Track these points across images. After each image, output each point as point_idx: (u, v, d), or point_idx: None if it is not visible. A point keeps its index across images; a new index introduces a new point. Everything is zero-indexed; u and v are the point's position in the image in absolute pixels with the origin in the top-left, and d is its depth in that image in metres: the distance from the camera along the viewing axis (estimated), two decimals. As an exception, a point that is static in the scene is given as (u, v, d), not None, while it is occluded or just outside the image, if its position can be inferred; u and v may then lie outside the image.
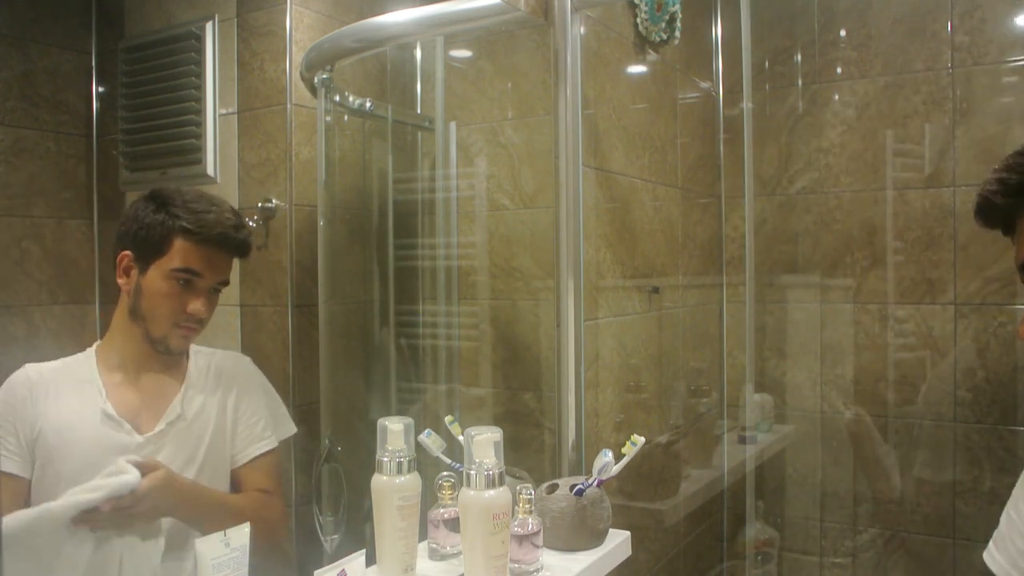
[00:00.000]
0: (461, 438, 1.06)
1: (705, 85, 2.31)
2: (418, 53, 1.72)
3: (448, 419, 1.18)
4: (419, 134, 1.74)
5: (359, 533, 1.41)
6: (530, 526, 1.09)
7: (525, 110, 1.67)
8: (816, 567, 2.28)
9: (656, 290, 1.97)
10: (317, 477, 1.47)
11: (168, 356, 1.22)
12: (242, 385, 1.29)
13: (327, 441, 1.47)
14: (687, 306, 2.20)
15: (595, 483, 1.22)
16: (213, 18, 1.47)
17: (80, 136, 1.45)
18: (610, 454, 1.20)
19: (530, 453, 1.62)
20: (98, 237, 1.49)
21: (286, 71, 1.44)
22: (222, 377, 1.27)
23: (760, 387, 2.28)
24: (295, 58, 1.44)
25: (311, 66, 1.44)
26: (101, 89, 1.48)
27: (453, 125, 1.69)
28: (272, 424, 1.31)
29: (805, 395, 2.27)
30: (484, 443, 1.00)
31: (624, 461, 1.21)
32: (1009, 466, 2.00)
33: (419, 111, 1.73)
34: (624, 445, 1.20)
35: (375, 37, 1.46)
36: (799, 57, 2.26)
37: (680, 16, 1.96)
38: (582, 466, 1.43)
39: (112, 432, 1.15)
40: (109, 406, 1.16)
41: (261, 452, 1.27)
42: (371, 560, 1.03)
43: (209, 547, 0.91)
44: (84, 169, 1.46)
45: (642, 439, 1.20)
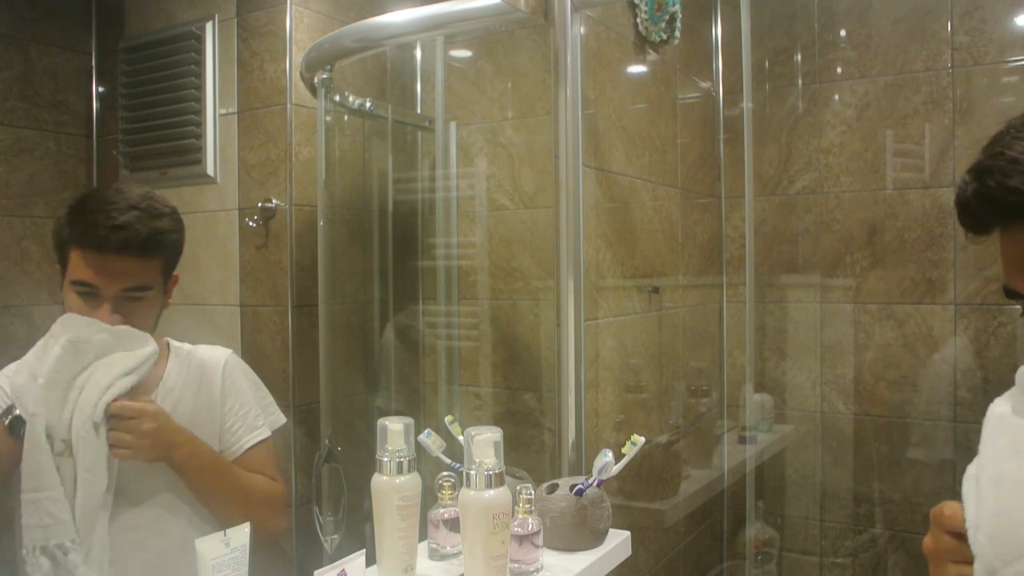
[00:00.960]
0: (461, 438, 1.06)
1: (705, 85, 2.31)
2: (418, 53, 1.72)
3: (448, 419, 1.18)
4: (419, 134, 1.74)
5: (359, 533, 1.41)
6: (530, 526, 1.09)
7: (525, 110, 1.67)
8: (816, 567, 2.28)
9: (656, 290, 1.97)
10: (317, 477, 1.47)
11: None
12: (227, 378, 1.27)
13: (327, 441, 1.47)
14: (687, 306, 2.20)
15: (595, 483, 1.22)
16: (213, 18, 1.47)
17: (80, 136, 1.45)
18: (610, 454, 1.20)
19: (530, 453, 1.62)
20: (98, 237, 1.49)
21: (286, 71, 1.44)
22: (204, 372, 1.25)
23: (760, 387, 2.28)
24: (295, 58, 1.44)
25: (311, 66, 1.44)
26: (101, 89, 1.48)
27: (453, 125, 1.69)
28: (263, 414, 1.30)
29: (805, 395, 2.27)
30: (484, 443, 1.00)
31: (624, 461, 1.21)
32: (1009, 466, 1.99)
33: (419, 111, 1.73)
34: (624, 445, 1.20)
35: (375, 37, 1.46)
36: (799, 57, 2.26)
37: (680, 16, 1.96)
38: (582, 466, 1.43)
39: None
40: None
41: (256, 442, 1.26)
42: (371, 560, 1.03)
43: (209, 547, 0.91)
44: (84, 169, 1.46)
45: (642, 439, 1.20)
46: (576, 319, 1.43)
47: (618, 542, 1.25)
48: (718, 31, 2.31)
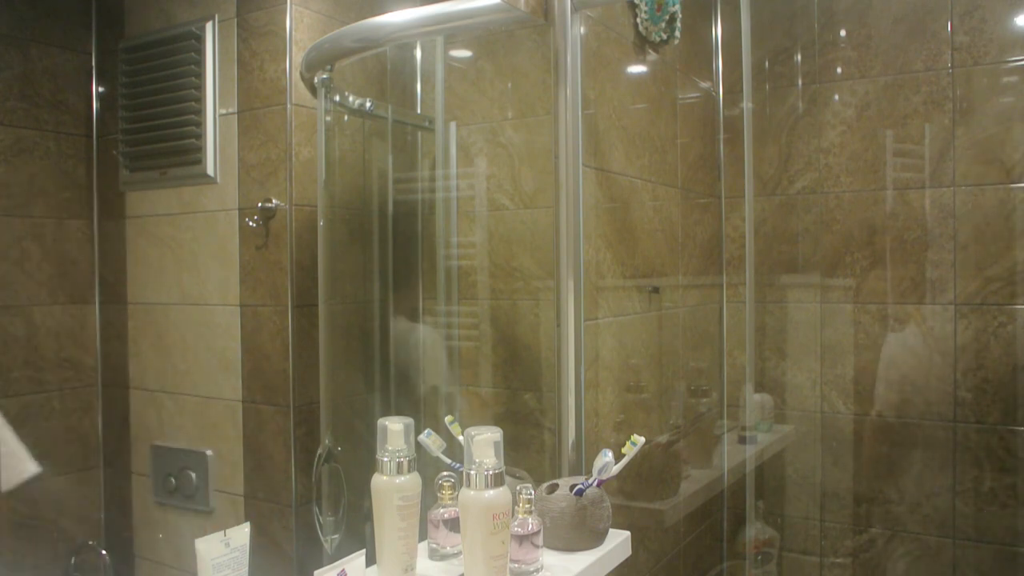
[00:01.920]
0: (461, 438, 1.06)
1: (705, 85, 2.31)
2: (418, 53, 1.72)
3: (448, 419, 1.18)
4: (419, 134, 1.74)
5: (359, 533, 1.41)
6: (530, 526, 1.09)
7: (525, 110, 1.67)
8: (816, 567, 2.28)
9: (656, 290, 1.97)
10: (317, 477, 1.47)
11: None
12: None
13: (327, 441, 1.47)
14: (687, 306, 2.20)
15: (595, 483, 1.22)
16: (213, 18, 1.47)
17: (80, 136, 1.45)
18: (610, 454, 1.20)
19: (530, 453, 1.62)
20: (98, 237, 1.49)
21: (286, 71, 1.44)
22: None
23: (760, 387, 2.28)
24: (295, 58, 1.44)
25: (311, 66, 1.44)
26: (101, 89, 1.48)
27: (453, 125, 1.69)
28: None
29: (805, 395, 2.27)
30: (484, 443, 1.00)
31: (624, 461, 1.21)
32: (1009, 466, 2.00)
33: (419, 111, 1.73)
34: (624, 445, 1.20)
35: (375, 37, 1.46)
36: (799, 57, 2.26)
37: (680, 16, 1.96)
38: (582, 466, 1.43)
39: None
40: None
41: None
42: (371, 560, 1.03)
43: (209, 547, 0.91)
44: (84, 169, 1.46)
45: (642, 439, 1.20)
46: (576, 319, 1.43)
47: (618, 542, 1.25)
48: (718, 31, 2.31)
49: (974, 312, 2.02)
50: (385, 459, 1.04)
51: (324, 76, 1.47)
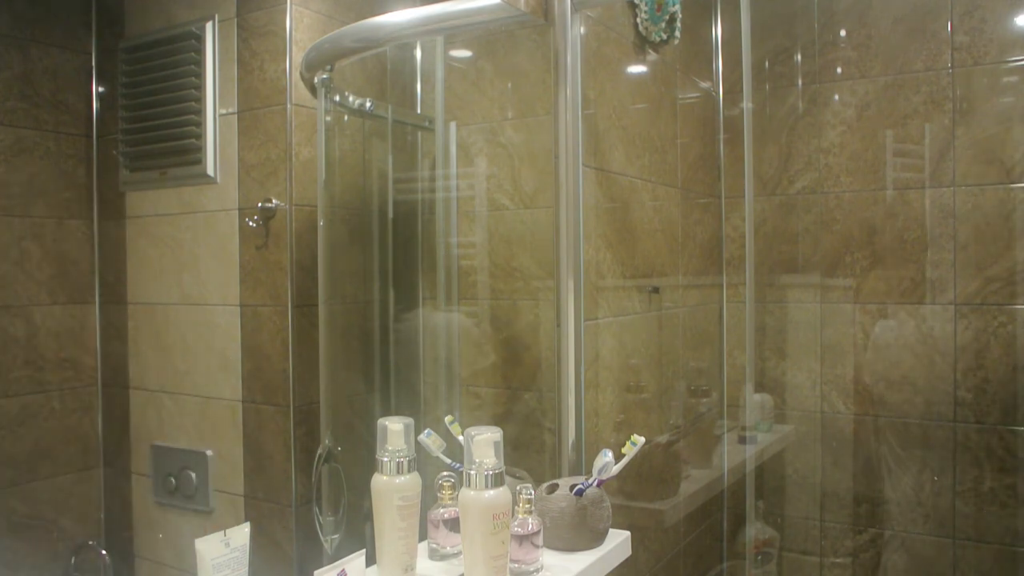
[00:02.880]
0: (461, 438, 1.06)
1: (705, 85, 2.31)
2: (418, 53, 1.72)
3: (448, 419, 1.18)
4: (419, 134, 1.74)
5: (359, 533, 1.41)
6: (530, 526, 1.09)
7: (525, 110, 1.67)
8: (816, 567, 2.28)
9: (656, 290, 1.97)
10: (317, 477, 1.47)
11: None
12: None
13: (327, 441, 1.47)
14: (687, 306, 2.20)
15: (595, 483, 1.22)
16: (213, 18, 1.47)
17: (80, 136, 1.45)
18: (610, 454, 1.20)
19: (530, 453, 1.62)
20: (98, 237, 1.49)
21: (286, 71, 1.44)
22: None
23: (760, 387, 2.28)
24: (295, 58, 1.44)
25: (311, 66, 1.44)
26: (101, 89, 1.48)
27: (453, 125, 1.69)
28: None
29: (805, 395, 2.27)
30: (484, 443, 1.00)
31: (624, 461, 1.21)
32: (1009, 466, 2.00)
33: (419, 111, 1.73)
34: (624, 445, 1.20)
35: (375, 37, 1.46)
36: (799, 57, 2.26)
37: (680, 16, 1.96)
38: (582, 466, 1.43)
39: None
40: None
41: None
42: (371, 560, 1.03)
43: (209, 547, 0.91)
44: (84, 169, 1.46)
45: (642, 439, 1.20)
46: (576, 319, 1.43)
47: (618, 542, 1.25)
48: (718, 31, 2.31)
49: (974, 312, 2.02)
50: (385, 459, 1.04)
51: (324, 76, 1.47)
